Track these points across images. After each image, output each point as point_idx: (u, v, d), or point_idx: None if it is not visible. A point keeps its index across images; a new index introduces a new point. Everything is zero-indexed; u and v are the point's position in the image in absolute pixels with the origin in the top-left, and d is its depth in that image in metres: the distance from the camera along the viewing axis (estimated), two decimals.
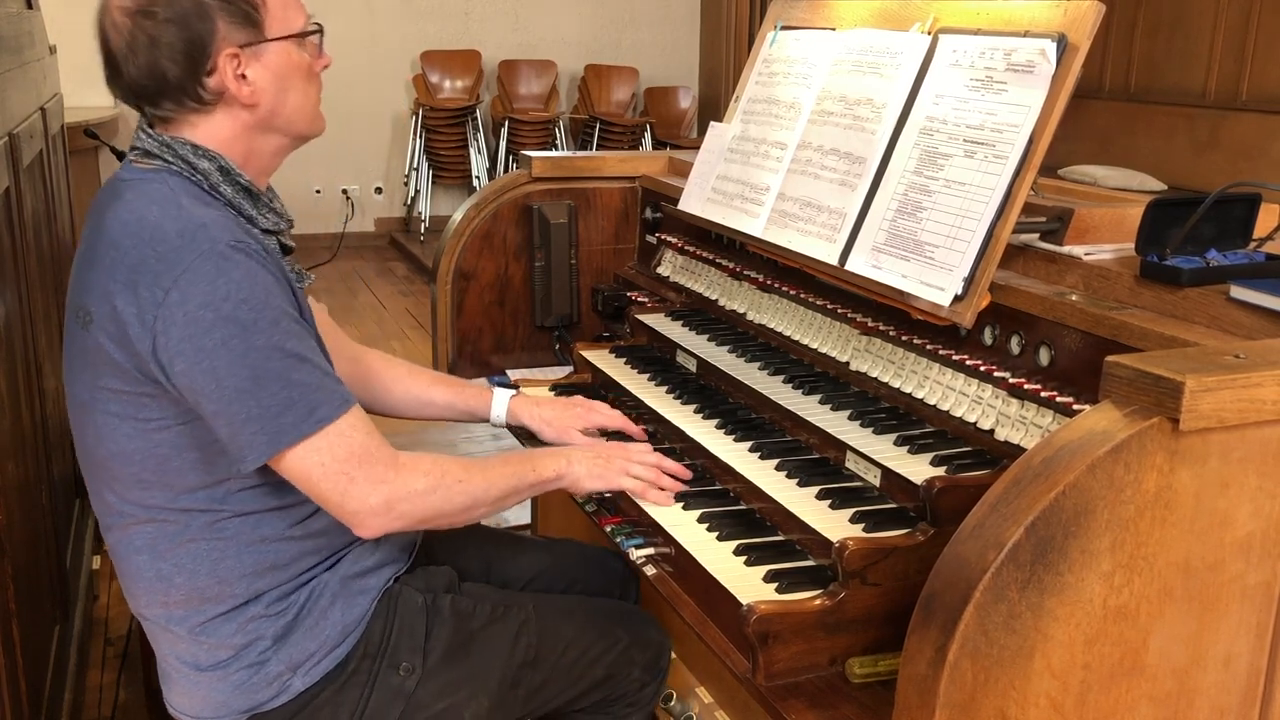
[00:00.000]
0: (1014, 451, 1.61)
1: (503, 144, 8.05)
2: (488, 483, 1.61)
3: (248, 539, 1.53)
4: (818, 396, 1.91)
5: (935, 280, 1.70)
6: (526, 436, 2.09)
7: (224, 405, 1.40)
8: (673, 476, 1.82)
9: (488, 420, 2.02)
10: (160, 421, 1.46)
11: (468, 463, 1.62)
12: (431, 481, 1.53)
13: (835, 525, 1.60)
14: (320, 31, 1.60)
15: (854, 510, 1.62)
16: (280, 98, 1.53)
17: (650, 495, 1.78)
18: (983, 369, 1.71)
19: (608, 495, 1.92)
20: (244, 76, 1.50)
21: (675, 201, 2.44)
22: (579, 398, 2.06)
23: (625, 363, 2.31)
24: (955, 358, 1.77)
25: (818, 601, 1.49)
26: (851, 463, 1.74)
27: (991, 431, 1.67)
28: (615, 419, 1.99)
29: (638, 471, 1.78)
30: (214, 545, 1.52)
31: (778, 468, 1.78)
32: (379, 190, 8.33)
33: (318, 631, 1.56)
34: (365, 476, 1.46)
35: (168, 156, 1.49)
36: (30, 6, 3.24)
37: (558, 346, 2.77)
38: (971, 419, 1.71)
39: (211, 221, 1.43)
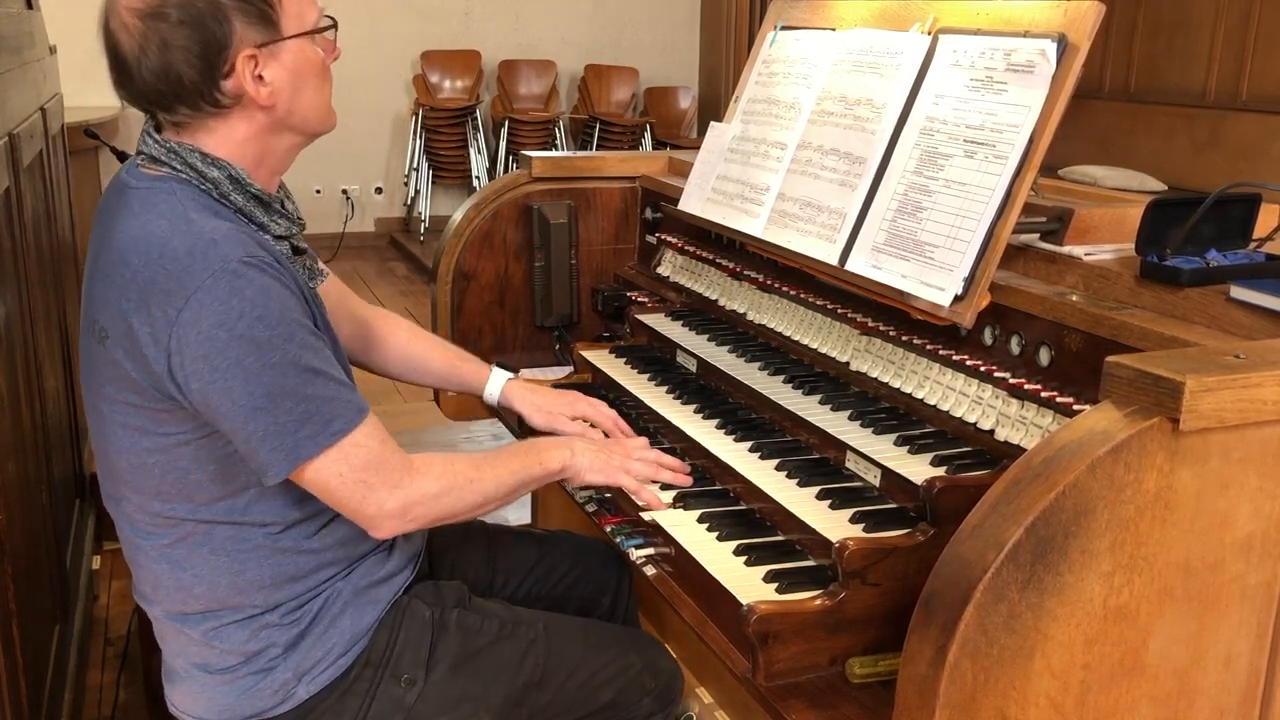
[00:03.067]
0: (1014, 452, 1.61)
1: (503, 144, 8.05)
2: (498, 479, 1.63)
3: (268, 550, 1.53)
4: (818, 396, 1.91)
5: (935, 280, 1.70)
6: (516, 422, 2.09)
7: (241, 423, 1.40)
8: (673, 477, 1.83)
9: (480, 396, 2.02)
10: (179, 436, 1.46)
11: (477, 460, 1.64)
12: (445, 484, 1.55)
13: (835, 525, 1.60)
14: (334, 25, 1.57)
15: (854, 510, 1.63)
16: (296, 97, 1.50)
17: (644, 495, 1.77)
18: (983, 369, 1.71)
19: (607, 495, 1.92)
20: (261, 78, 1.46)
21: (675, 201, 2.44)
22: (574, 392, 2.06)
23: (625, 363, 2.31)
24: (955, 358, 1.77)
25: (818, 601, 1.49)
26: (851, 463, 1.74)
27: (991, 431, 1.67)
28: (605, 418, 1.98)
29: (635, 469, 1.79)
30: (234, 558, 1.52)
31: (778, 468, 1.78)
32: (379, 190, 8.33)
33: (326, 640, 1.56)
34: (381, 482, 1.47)
35: (175, 164, 1.46)
36: (30, 6, 3.24)
37: (558, 346, 2.77)
38: (971, 419, 1.71)
39: (222, 237, 1.40)
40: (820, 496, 1.69)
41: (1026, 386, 1.63)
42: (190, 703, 1.60)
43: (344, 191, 8.17)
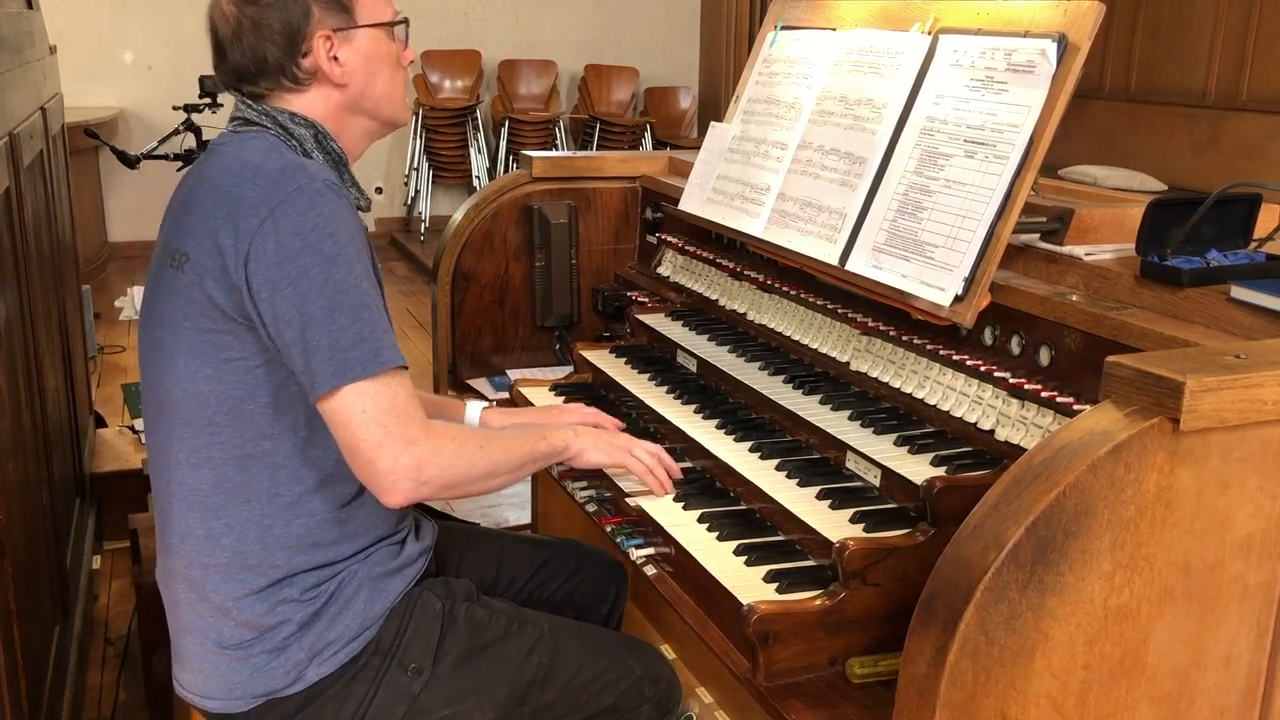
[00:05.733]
0: (1014, 452, 1.61)
1: (503, 144, 8.05)
2: (506, 451, 1.66)
3: (298, 510, 1.57)
4: (818, 396, 1.91)
5: (935, 280, 1.70)
6: None
7: (300, 332, 1.47)
8: (668, 475, 1.85)
9: None
10: (240, 362, 1.52)
11: (485, 432, 1.71)
12: (457, 446, 1.57)
13: (835, 525, 1.60)
14: (406, 23, 1.72)
15: (854, 510, 1.63)
16: (369, 81, 1.65)
17: (650, 481, 1.82)
18: (983, 369, 1.71)
19: (607, 495, 1.92)
20: (336, 58, 1.61)
21: (675, 201, 2.44)
22: (558, 405, 2.06)
23: (625, 363, 2.31)
24: (955, 358, 1.77)
25: (818, 601, 1.49)
26: (852, 463, 1.74)
27: (992, 431, 1.67)
28: (590, 416, 1.98)
29: (641, 455, 1.82)
30: (266, 511, 1.56)
31: (778, 468, 1.78)
32: (379, 190, 8.33)
33: (338, 623, 1.58)
34: (400, 433, 1.50)
35: (266, 123, 1.60)
36: (30, 6, 3.24)
37: (558, 346, 2.77)
38: (972, 419, 1.71)
39: (312, 164, 1.55)
40: (820, 496, 1.69)
41: (1027, 386, 1.63)
42: (201, 682, 1.61)
43: None
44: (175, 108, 5.14)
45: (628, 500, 1.83)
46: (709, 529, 1.72)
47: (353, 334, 1.47)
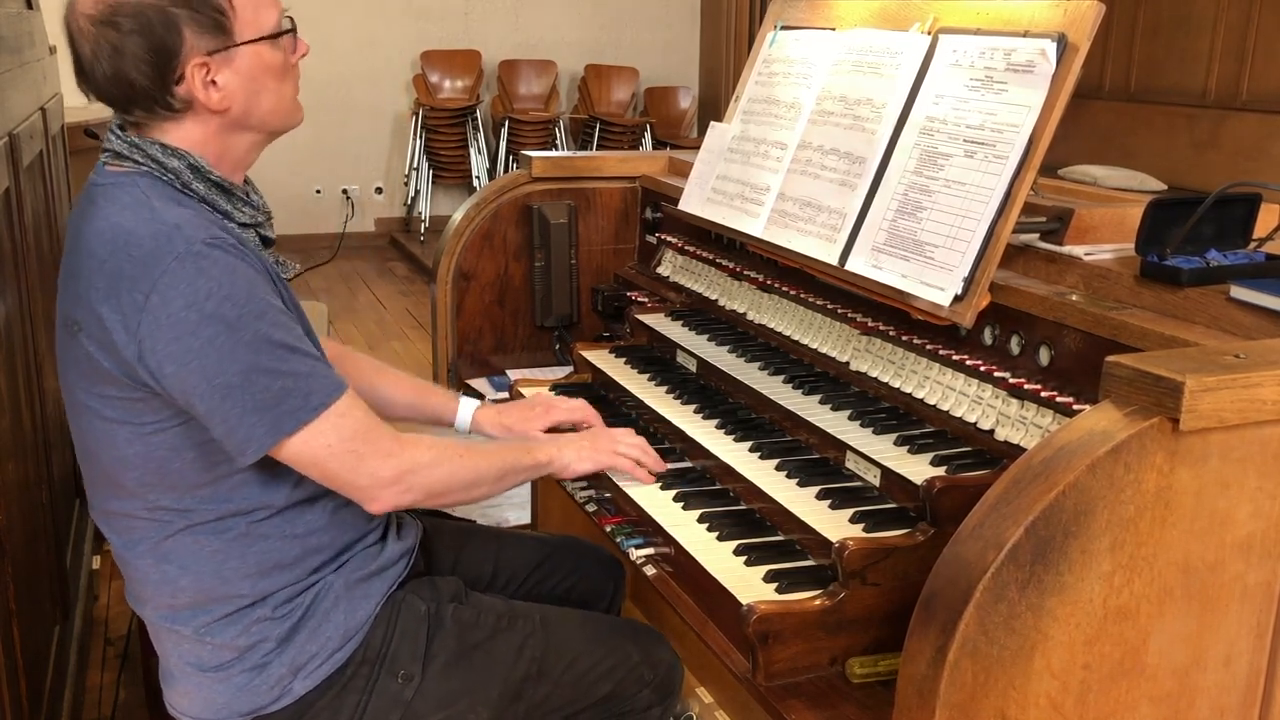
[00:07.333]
0: (1014, 451, 1.61)
1: (503, 144, 8.05)
2: (488, 461, 1.65)
3: (251, 538, 1.54)
4: (818, 396, 1.91)
5: (935, 280, 1.70)
6: None
7: (217, 403, 1.41)
8: (655, 461, 1.88)
9: (452, 426, 2.02)
10: (156, 424, 1.46)
11: (466, 443, 1.66)
12: (436, 455, 1.56)
13: (835, 525, 1.60)
14: (293, 29, 1.57)
15: (854, 510, 1.63)
16: (253, 100, 1.52)
17: (639, 474, 1.84)
18: (983, 369, 1.71)
19: (606, 495, 1.92)
20: (214, 83, 1.48)
21: (675, 201, 2.44)
22: (540, 395, 2.08)
23: (625, 363, 2.31)
24: (955, 358, 1.77)
25: (818, 601, 1.49)
26: (851, 463, 1.74)
27: (991, 431, 1.67)
28: (575, 411, 1.99)
29: (624, 450, 1.84)
30: (217, 546, 1.53)
31: (778, 468, 1.78)
32: (379, 190, 8.33)
33: (319, 635, 1.56)
34: (372, 451, 1.48)
35: (137, 158, 1.48)
36: (30, 6, 3.24)
37: (558, 346, 2.77)
38: (971, 419, 1.71)
39: (184, 221, 1.43)
40: (820, 496, 1.69)
41: (1026, 386, 1.63)
42: (187, 703, 1.60)
43: (344, 191, 8.17)
44: None
45: (617, 484, 1.86)
46: (709, 529, 1.72)
47: (276, 390, 1.42)
